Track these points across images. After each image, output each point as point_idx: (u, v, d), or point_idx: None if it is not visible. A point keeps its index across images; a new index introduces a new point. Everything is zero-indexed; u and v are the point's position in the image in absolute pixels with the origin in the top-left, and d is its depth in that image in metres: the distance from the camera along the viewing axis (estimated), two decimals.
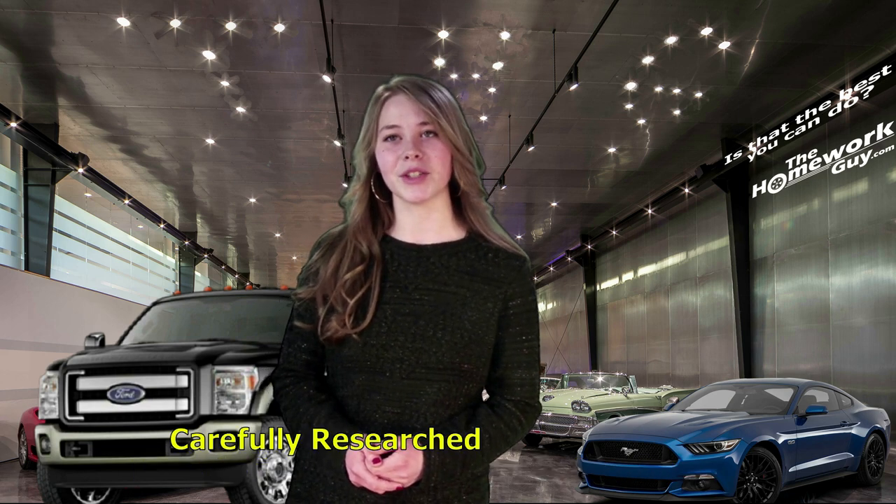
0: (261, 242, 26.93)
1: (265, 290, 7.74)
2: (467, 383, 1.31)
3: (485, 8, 10.56)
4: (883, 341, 13.08)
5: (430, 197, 1.31)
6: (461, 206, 1.37)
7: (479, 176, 1.37)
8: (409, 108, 1.29)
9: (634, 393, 12.05)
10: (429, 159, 1.28)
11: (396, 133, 1.30)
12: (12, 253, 14.68)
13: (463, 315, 1.29)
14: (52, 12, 10.37)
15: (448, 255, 1.34)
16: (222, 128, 14.92)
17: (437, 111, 1.29)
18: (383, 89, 1.33)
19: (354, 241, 1.35)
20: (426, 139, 1.29)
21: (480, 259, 1.35)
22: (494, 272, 1.34)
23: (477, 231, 1.36)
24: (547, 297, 35.01)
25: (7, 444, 10.85)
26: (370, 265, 1.32)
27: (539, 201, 21.37)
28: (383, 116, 1.31)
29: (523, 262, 1.37)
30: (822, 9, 10.60)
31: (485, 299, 1.32)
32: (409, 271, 1.32)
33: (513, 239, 1.40)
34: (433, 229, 1.36)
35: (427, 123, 1.29)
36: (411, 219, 1.35)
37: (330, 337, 1.29)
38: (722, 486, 6.33)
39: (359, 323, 1.28)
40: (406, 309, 1.29)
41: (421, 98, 1.29)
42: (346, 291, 1.30)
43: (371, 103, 1.34)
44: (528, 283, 1.37)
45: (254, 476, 5.72)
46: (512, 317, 1.34)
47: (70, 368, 5.70)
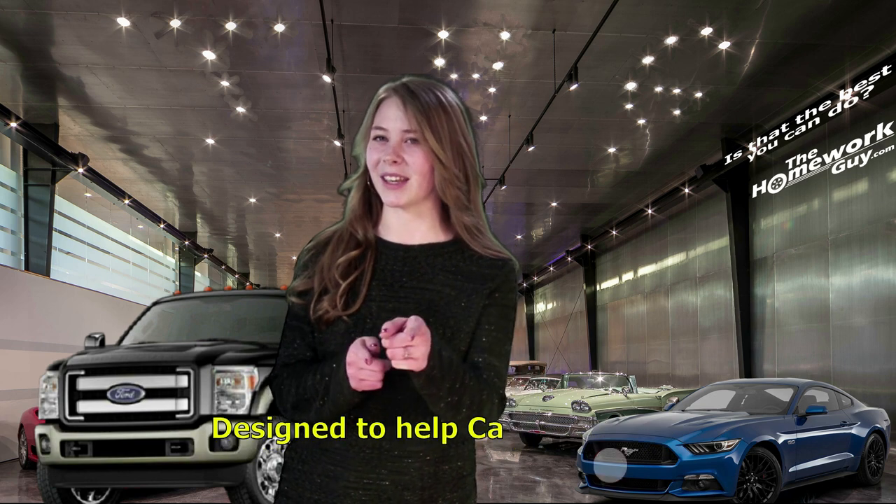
0: (261, 242, 26.93)
1: (265, 290, 7.73)
2: None
3: (485, 8, 10.56)
4: (883, 341, 13.08)
5: (406, 203, 1.32)
6: (449, 212, 1.38)
7: (478, 194, 1.37)
8: (396, 113, 1.30)
9: (634, 393, 12.04)
10: (408, 166, 1.29)
11: (383, 135, 1.31)
12: (12, 253, 14.68)
13: (447, 313, 1.30)
14: (52, 12, 10.37)
15: (434, 255, 1.35)
16: (222, 128, 14.93)
17: (422, 121, 1.28)
18: (383, 90, 1.35)
19: (351, 227, 1.37)
20: (409, 146, 1.30)
21: (466, 260, 1.36)
22: (479, 271, 1.35)
23: (462, 239, 1.37)
24: (547, 297, 35.00)
25: (7, 444, 10.85)
26: (365, 251, 1.35)
27: (539, 201, 21.37)
28: (377, 117, 1.33)
29: (506, 262, 1.37)
30: (822, 9, 10.60)
31: (469, 296, 1.32)
32: (395, 270, 1.34)
33: (505, 244, 1.41)
34: (419, 231, 1.37)
35: (411, 132, 1.29)
36: (398, 219, 1.37)
37: (321, 317, 1.31)
38: (722, 486, 6.33)
39: (349, 306, 1.30)
40: (390, 305, 1.30)
41: (410, 105, 1.29)
42: (339, 274, 1.32)
43: (372, 101, 1.36)
44: (511, 281, 1.36)
45: (254, 476, 5.72)
46: (490, 308, 1.34)
47: (70, 368, 5.70)
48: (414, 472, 1.29)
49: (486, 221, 1.40)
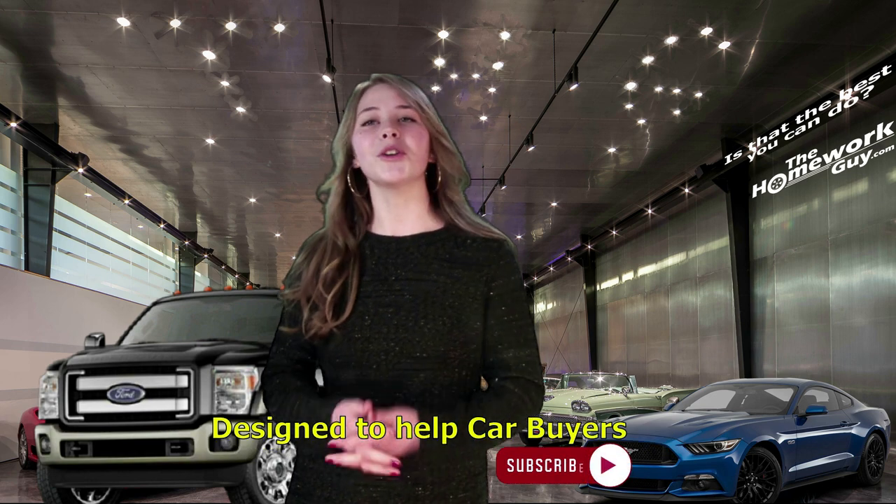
0: (261, 242, 26.93)
1: (265, 290, 7.73)
2: (458, 371, 1.31)
3: (485, 8, 10.56)
4: (883, 341, 13.08)
5: (408, 177, 1.32)
6: (438, 200, 1.39)
7: (463, 185, 1.40)
8: (387, 94, 1.33)
9: (634, 393, 12.04)
10: (405, 140, 1.31)
11: (374, 117, 1.33)
12: (12, 253, 14.68)
13: (445, 302, 1.30)
14: (52, 12, 10.37)
15: (426, 244, 1.35)
16: (222, 128, 14.92)
17: (417, 97, 1.34)
18: (362, 84, 1.38)
19: (332, 236, 1.37)
20: (403, 124, 1.32)
21: (458, 246, 1.35)
22: (473, 256, 1.34)
23: (453, 223, 1.38)
24: (547, 297, 35.02)
25: (7, 444, 10.85)
26: (346, 259, 1.35)
27: (539, 201, 21.36)
28: (363, 102, 1.35)
29: (501, 244, 1.36)
30: (822, 9, 10.60)
31: (465, 284, 1.32)
32: (388, 263, 1.34)
33: (508, 234, 1.41)
34: (411, 219, 1.37)
35: (406, 107, 1.32)
36: (388, 210, 1.37)
37: (314, 334, 1.31)
38: (722, 486, 6.33)
39: (339, 316, 1.30)
40: (387, 300, 1.30)
41: (399, 85, 1.34)
42: (324, 287, 1.32)
43: (350, 98, 1.38)
44: (508, 262, 1.36)
45: (254, 476, 5.72)
46: (496, 298, 1.34)
47: (70, 368, 5.70)
48: (425, 469, 1.29)
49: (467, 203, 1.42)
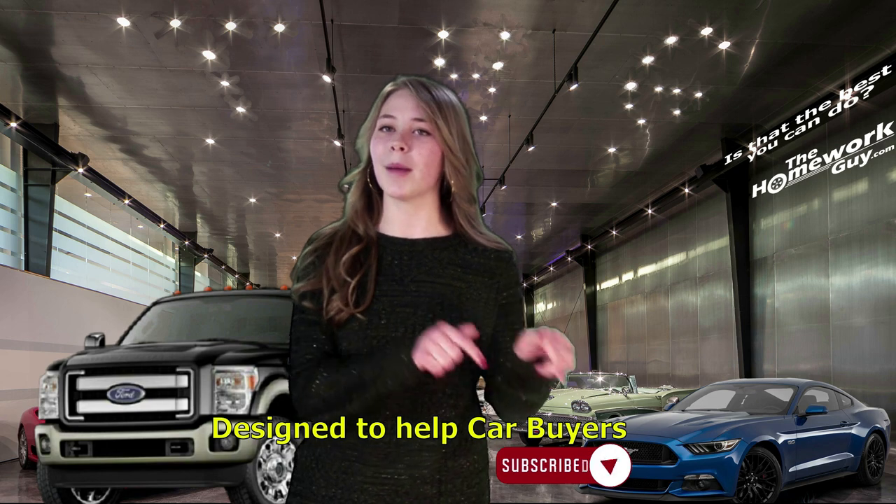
0: (261, 242, 26.92)
1: (265, 290, 7.74)
2: (468, 374, 1.33)
3: (485, 8, 10.56)
4: (883, 341, 13.08)
5: (408, 194, 1.32)
6: (450, 208, 1.39)
7: (476, 188, 1.39)
8: (407, 103, 1.31)
9: (634, 393, 12.04)
10: (413, 156, 1.30)
11: (391, 124, 1.32)
12: (12, 253, 14.67)
13: (461, 306, 1.31)
14: (52, 12, 10.36)
15: (439, 249, 1.36)
16: (222, 128, 14.92)
17: (434, 109, 1.30)
18: (391, 84, 1.36)
19: (352, 224, 1.37)
20: (417, 136, 1.31)
21: (470, 253, 1.37)
22: (485, 264, 1.37)
23: (463, 230, 1.38)
24: (547, 297, 35.00)
25: (7, 444, 10.85)
26: (367, 246, 1.35)
27: (539, 201, 21.36)
28: (385, 107, 1.34)
29: (511, 255, 1.40)
30: (822, 9, 10.59)
31: (478, 290, 1.34)
32: (402, 264, 1.34)
33: (508, 240, 1.43)
34: (421, 225, 1.37)
35: (421, 120, 1.30)
36: (399, 213, 1.37)
37: (333, 317, 1.30)
38: (722, 486, 6.33)
39: (360, 303, 1.29)
40: (404, 300, 1.30)
41: (421, 94, 1.31)
42: (345, 272, 1.32)
43: (379, 95, 1.37)
44: (516, 273, 1.41)
45: (254, 476, 5.72)
46: (507, 306, 1.38)
47: (70, 368, 5.70)
48: (431, 466, 1.29)
49: (480, 215, 1.43)
